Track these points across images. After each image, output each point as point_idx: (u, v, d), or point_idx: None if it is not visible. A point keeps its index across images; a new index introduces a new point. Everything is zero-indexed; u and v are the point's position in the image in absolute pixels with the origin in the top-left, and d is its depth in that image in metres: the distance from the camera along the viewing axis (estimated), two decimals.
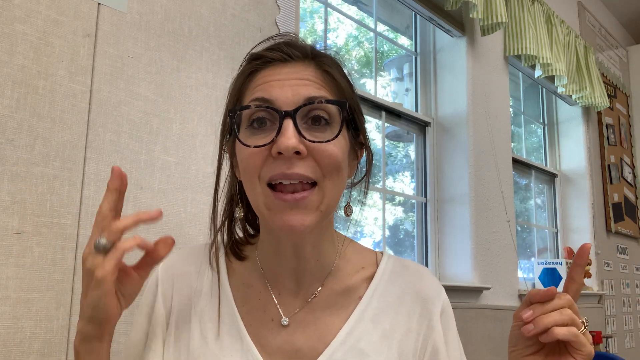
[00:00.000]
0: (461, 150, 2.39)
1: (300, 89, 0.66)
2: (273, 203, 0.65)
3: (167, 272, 0.78)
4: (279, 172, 0.64)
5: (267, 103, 0.66)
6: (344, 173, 0.69)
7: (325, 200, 0.66)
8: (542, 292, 0.63)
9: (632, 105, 4.20)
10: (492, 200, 2.46)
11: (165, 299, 0.76)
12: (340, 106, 0.67)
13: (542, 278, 2.95)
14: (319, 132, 0.66)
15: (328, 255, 0.75)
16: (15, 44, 1.02)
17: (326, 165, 0.65)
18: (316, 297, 0.73)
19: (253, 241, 0.79)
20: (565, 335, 0.61)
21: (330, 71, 0.70)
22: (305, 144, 0.64)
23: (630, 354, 3.54)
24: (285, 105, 0.65)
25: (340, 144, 0.67)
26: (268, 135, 0.65)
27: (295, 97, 0.66)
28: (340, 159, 0.67)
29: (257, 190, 0.66)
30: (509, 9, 2.59)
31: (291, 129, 0.63)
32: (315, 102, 0.66)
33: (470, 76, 2.44)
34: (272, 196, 0.65)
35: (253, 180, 0.66)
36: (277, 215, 0.65)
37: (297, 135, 0.64)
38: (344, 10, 2.18)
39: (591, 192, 3.36)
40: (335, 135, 0.66)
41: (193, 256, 0.79)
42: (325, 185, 0.66)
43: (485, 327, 2.27)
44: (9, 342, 0.96)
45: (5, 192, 0.99)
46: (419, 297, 0.75)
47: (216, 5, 1.39)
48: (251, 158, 0.66)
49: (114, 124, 1.15)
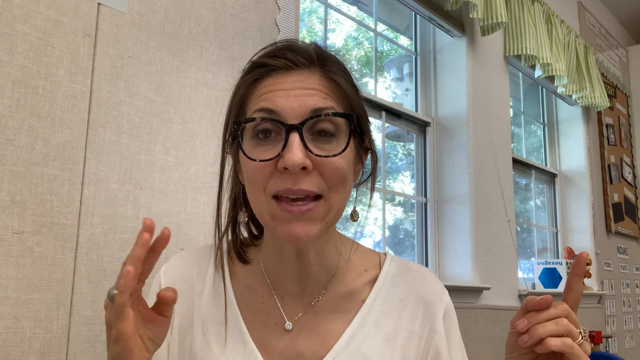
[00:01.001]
0: (461, 150, 2.39)
1: (306, 99, 0.65)
2: (278, 213, 0.64)
3: (169, 275, 0.77)
4: (285, 188, 0.63)
5: (273, 114, 0.65)
6: (350, 182, 0.69)
7: (332, 212, 0.66)
8: (538, 300, 0.62)
9: (632, 105, 4.20)
10: (492, 200, 2.46)
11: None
12: (348, 119, 0.66)
13: (542, 278, 2.95)
14: (325, 143, 0.65)
15: (331, 259, 0.74)
16: (15, 44, 1.02)
17: (332, 178, 0.65)
18: (319, 301, 0.73)
19: (257, 243, 0.79)
20: (559, 347, 0.60)
21: (336, 79, 0.69)
22: (312, 158, 0.64)
23: (630, 354, 3.54)
24: (291, 117, 0.64)
25: (347, 155, 0.66)
26: (273, 147, 0.64)
27: (301, 108, 0.64)
28: (345, 172, 0.66)
29: (262, 200, 0.66)
30: (509, 9, 2.59)
31: (297, 143, 0.62)
32: (322, 115, 0.64)
33: (470, 76, 2.44)
34: (277, 207, 0.64)
35: (258, 192, 0.66)
36: (281, 225, 0.64)
37: (303, 149, 0.63)
38: (344, 10, 2.18)
39: (591, 192, 3.36)
40: (343, 149, 0.65)
41: (195, 258, 0.79)
42: (331, 197, 0.65)
43: (485, 327, 2.27)
44: (9, 342, 0.96)
45: (5, 192, 0.99)
46: (421, 300, 0.75)
47: (216, 5, 1.39)
48: (257, 171, 0.65)
49: (114, 124, 1.15)
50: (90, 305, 1.07)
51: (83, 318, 1.06)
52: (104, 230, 1.11)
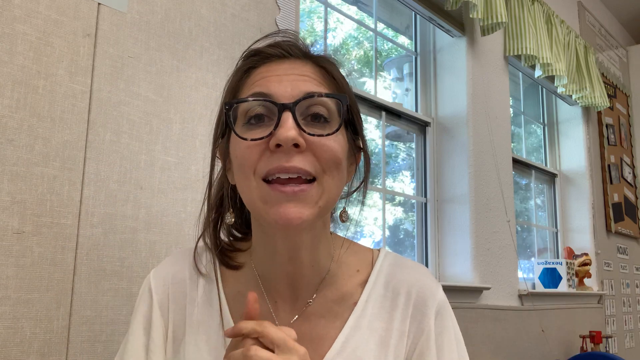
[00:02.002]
0: (461, 150, 2.39)
1: (300, 84, 0.65)
2: (269, 195, 0.62)
3: (161, 280, 0.75)
4: (277, 165, 0.62)
5: (266, 97, 0.64)
6: (344, 172, 0.67)
7: (325, 195, 0.64)
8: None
9: (632, 105, 4.20)
10: (492, 200, 2.46)
11: (162, 310, 0.73)
12: (340, 100, 0.65)
13: (542, 278, 2.95)
14: (318, 128, 0.64)
15: (323, 260, 0.72)
16: (15, 44, 1.02)
17: (326, 161, 0.63)
18: (311, 306, 0.71)
19: (244, 247, 0.76)
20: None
21: (329, 68, 0.69)
22: (305, 137, 0.62)
23: (630, 354, 3.54)
24: (285, 99, 0.63)
25: (340, 141, 0.66)
26: (266, 129, 0.63)
27: (294, 91, 0.64)
28: (340, 155, 0.65)
29: (252, 184, 0.64)
30: (509, 9, 2.59)
31: (290, 120, 0.62)
32: (315, 96, 0.64)
33: (470, 76, 2.44)
34: (268, 189, 0.62)
35: (248, 176, 0.64)
36: (273, 208, 0.62)
37: (296, 127, 0.62)
38: (344, 10, 2.18)
39: (591, 192, 3.36)
40: (336, 129, 0.64)
41: (186, 262, 0.77)
42: (324, 180, 0.64)
43: (485, 327, 2.27)
44: (9, 342, 0.96)
45: (5, 192, 0.99)
46: (411, 299, 0.72)
47: (216, 5, 1.39)
48: (247, 151, 0.63)
49: (114, 124, 1.15)
50: (90, 305, 1.07)
51: (83, 318, 1.06)
52: (104, 230, 1.11)
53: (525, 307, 2.56)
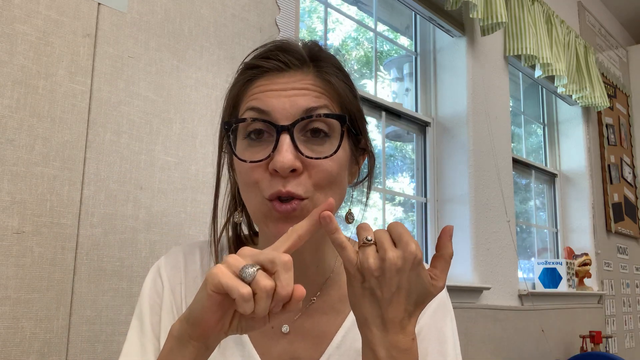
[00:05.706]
0: (461, 150, 2.39)
1: (298, 99, 0.65)
2: (270, 212, 0.65)
3: (174, 275, 0.75)
4: (276, 191, 0.63)
5: (263, 115, 0.64)
6: (341, 185, 0.68)
7: None
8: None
9: (632, 105, 4.20)
10: (492, 200, 2.46)
11: (177, 307, 0.73)
12: (340, 120, 0.66)
13: (542, 278, 2.95)
14: (317, 145, 0.65)
15: (328, 261, 0.74)
16: (15, 44, 1.02)
17: (319, 181, 0.64)
18: (314, 304, 0.73)
19: (256, 240, 0.78)
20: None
21: (329, 79, 0.68)
22: (302, 159, 0.63)
23: (630, 354, 3.54)
24: (283, 118, 0.64)
25: (339, 157, 0.66)
26: (265, 148, 0.64)
27: (292, 108, 0.64)
28: (335, 175, 0.65)
29: (255, 200, 0.66)
30: (509, 9, 2.59)
31: (287, 144, 0.62)
32: (313, 117, 0.64)
33: (470, 76, 2.44)
34: (269, 207, 0.64)
35: (251, 192, 0.66)
36: (272, 223, 0.65)
37: (293, 151, 0.62)
38: (344, 10, 2.18)
39: (591, 192, 3.36)
40: (334, 151, 0.65)
41: (198, 255, 0.77)
42: (316, 197, 0.65)
43: (485, 327, 2.27)
44: (9, 342, 0.96)
45: (5, 192, 0.99)
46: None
47: (216, 5, 1.39)
48: (249, 172, 0.65)
49: (114, 124, 1.15)
50: (90, 305, 1.07)
51: (83, 318, 1.06)
52: (104, 230, 1.11)
53: (525, 307, 2.56)
